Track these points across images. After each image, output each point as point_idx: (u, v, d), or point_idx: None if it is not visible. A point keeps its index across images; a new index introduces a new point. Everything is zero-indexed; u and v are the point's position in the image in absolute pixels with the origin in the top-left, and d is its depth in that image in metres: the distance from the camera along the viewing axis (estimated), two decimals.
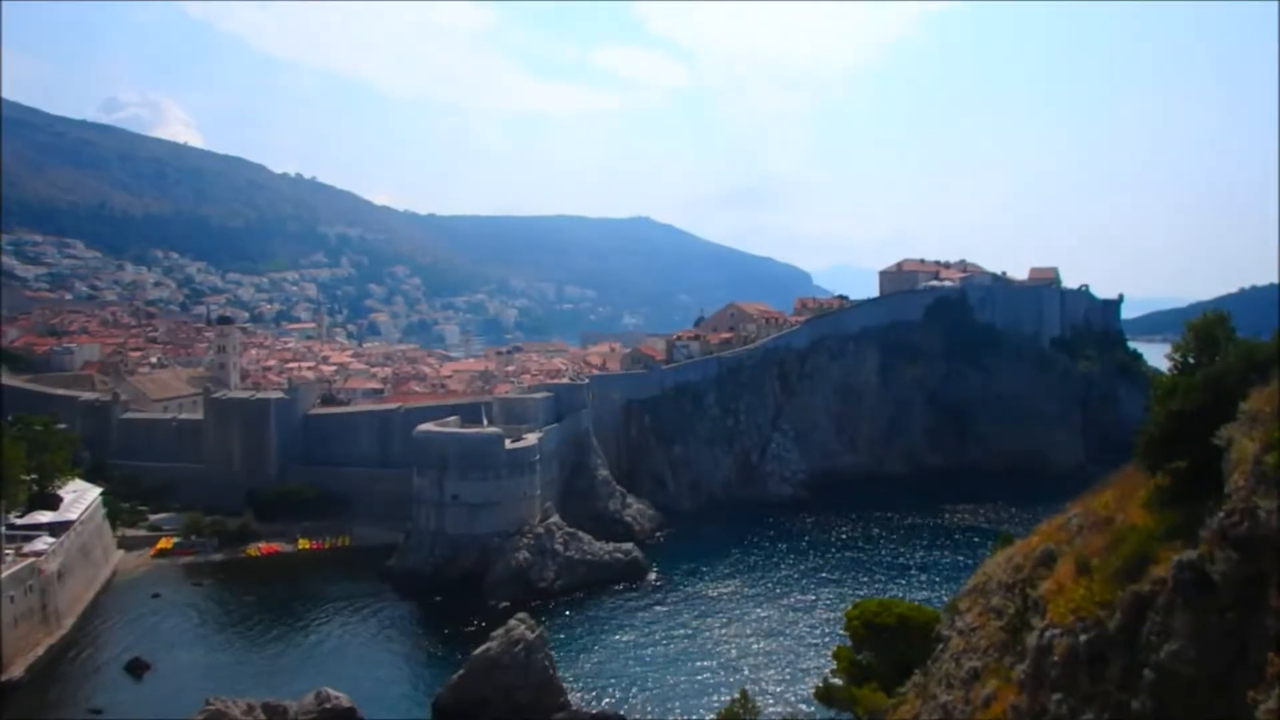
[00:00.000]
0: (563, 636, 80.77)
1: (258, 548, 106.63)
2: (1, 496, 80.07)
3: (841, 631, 46.70)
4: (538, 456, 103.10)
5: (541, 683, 65.75)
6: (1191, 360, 23.26)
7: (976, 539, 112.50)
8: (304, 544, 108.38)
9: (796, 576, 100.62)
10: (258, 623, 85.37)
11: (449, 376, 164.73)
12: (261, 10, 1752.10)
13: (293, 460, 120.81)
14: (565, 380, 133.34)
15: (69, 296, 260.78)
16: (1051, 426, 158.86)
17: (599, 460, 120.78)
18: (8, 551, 76.72)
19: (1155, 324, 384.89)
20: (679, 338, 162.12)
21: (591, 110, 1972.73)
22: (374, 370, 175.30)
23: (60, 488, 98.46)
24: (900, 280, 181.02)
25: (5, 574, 71.57)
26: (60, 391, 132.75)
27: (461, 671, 66.36)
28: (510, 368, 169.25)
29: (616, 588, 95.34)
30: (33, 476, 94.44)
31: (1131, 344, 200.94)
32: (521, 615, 69.82)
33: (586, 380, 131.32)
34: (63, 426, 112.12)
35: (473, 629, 79.98)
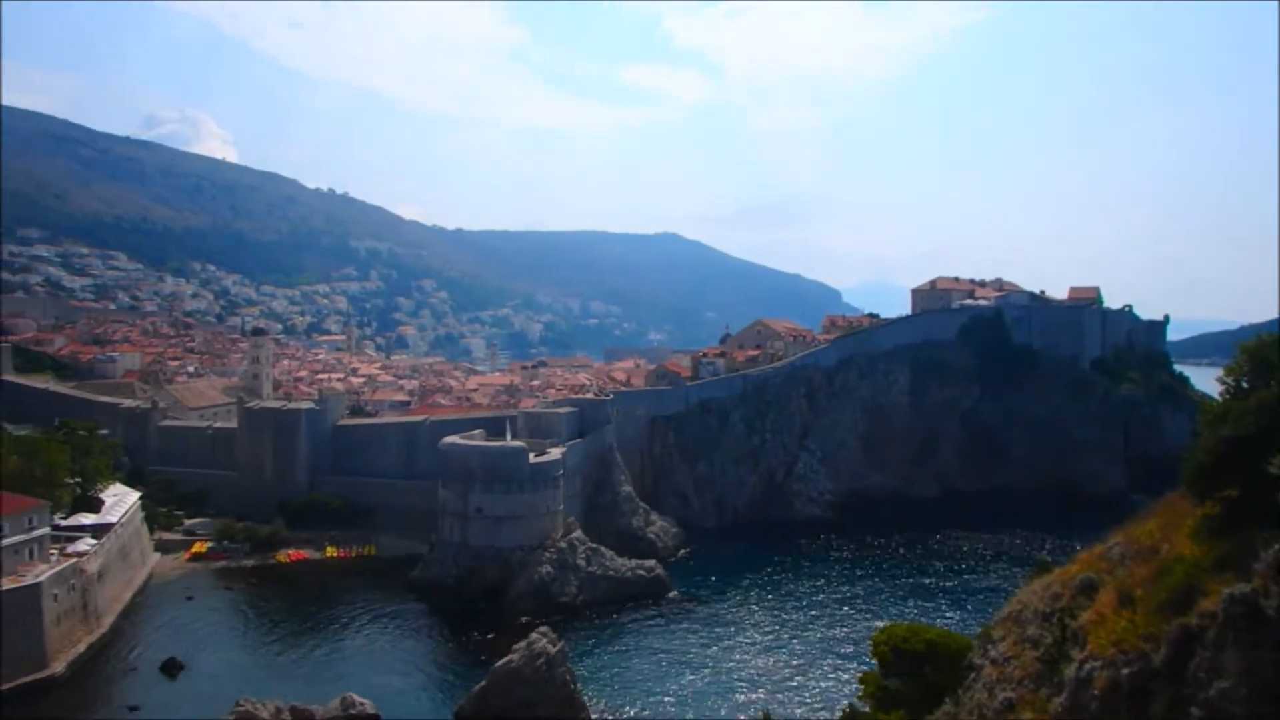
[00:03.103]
0: (584, 652, 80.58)
1: (287, 554, 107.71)
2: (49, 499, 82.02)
3: (868, 656, 46.19)
4: (561, 471, 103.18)
5: (562, 697, 65.64)
6: (1244, 384, 22.73)
7: (1009, 565, 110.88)
8: (331, 552, 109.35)
9: (822, 598, 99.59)
10: (286, 627, 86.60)
11: (474, 390, 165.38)
12: (293, 29, 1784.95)
13: (322, 469, 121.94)
14: (590, 395, 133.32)
15: (112, 306, 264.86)
16: (1090, 451, 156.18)
17: (623, 476, 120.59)
18: (52, 551, 78.30)
19: (1202, 346, 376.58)
20: (705, 354, 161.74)
21: (618, 125, 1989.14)
22: (401, 382, 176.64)
23: (101, 491, 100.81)
24: (933, 298, 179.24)
25: (49, 573, 73.36)
26: (103, 399, 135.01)
27: (483, 683, 66.52)
28: (535, 382, 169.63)
29: (638, 605, 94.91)
30: (76, 480, 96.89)
31: (1177, 367, 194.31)
32: (543, 629, 69.84)
33: (611, 396, 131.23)
34: (105, 432, 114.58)
35: (494, 641, 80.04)
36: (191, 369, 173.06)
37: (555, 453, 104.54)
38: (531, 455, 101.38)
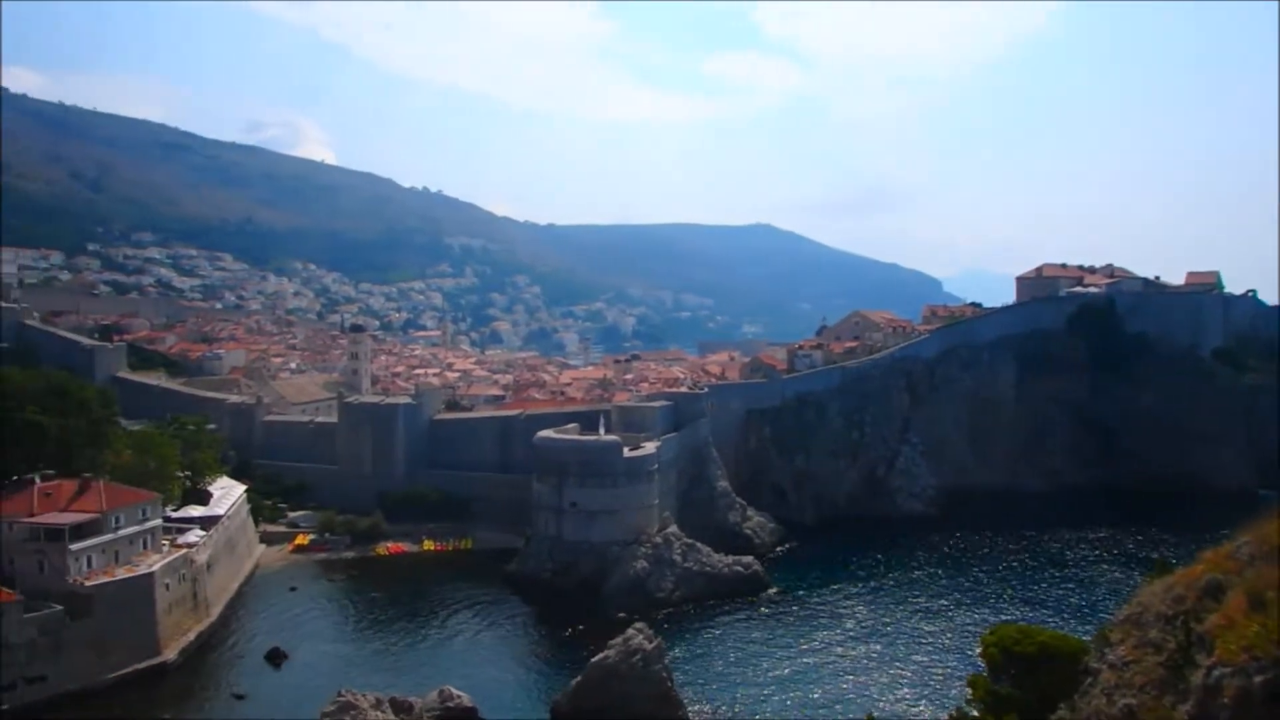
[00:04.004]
0: (680, 649, 79.41)
1: (385, 547, 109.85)
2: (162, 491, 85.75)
3: (976, 658, 43.90)
4: (655, 465, 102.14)
5: (659, 694, 64.81)
6: None
7: (1125, 565, 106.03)
8: (429, 545, 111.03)
9: (926, 597, 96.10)
10: (385, 619, 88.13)
11: (568, 384, 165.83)
12: (387, 32, 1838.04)
13: (419, 463, 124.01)
14: (683, 389, 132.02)
15: (219, 306, 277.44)
16: (1211, 445, 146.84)
17: (718, 471, 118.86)
18: (163, 542, 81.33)
19: None
20: (801, 347, 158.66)
21: (708, 117, 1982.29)
22: (496, 377, 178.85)
23: (210, 484, 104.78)
24: (1039, 287, 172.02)
25: (161, 564, 76.19)
26: (210, 395, 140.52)
27: (579, 678, 66.20)
28: (628, 376, 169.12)
29: (735, 602, 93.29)
30: (186, 473, 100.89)
31: None
32: (639, 625, 69.03)
33: (705, 389, 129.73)
34: (212, 427, 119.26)
35: (590, 636, 79.48)
36: (294, 365, 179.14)
37: (649, 447, 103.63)
38: (626, 449, 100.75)
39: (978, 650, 50.12)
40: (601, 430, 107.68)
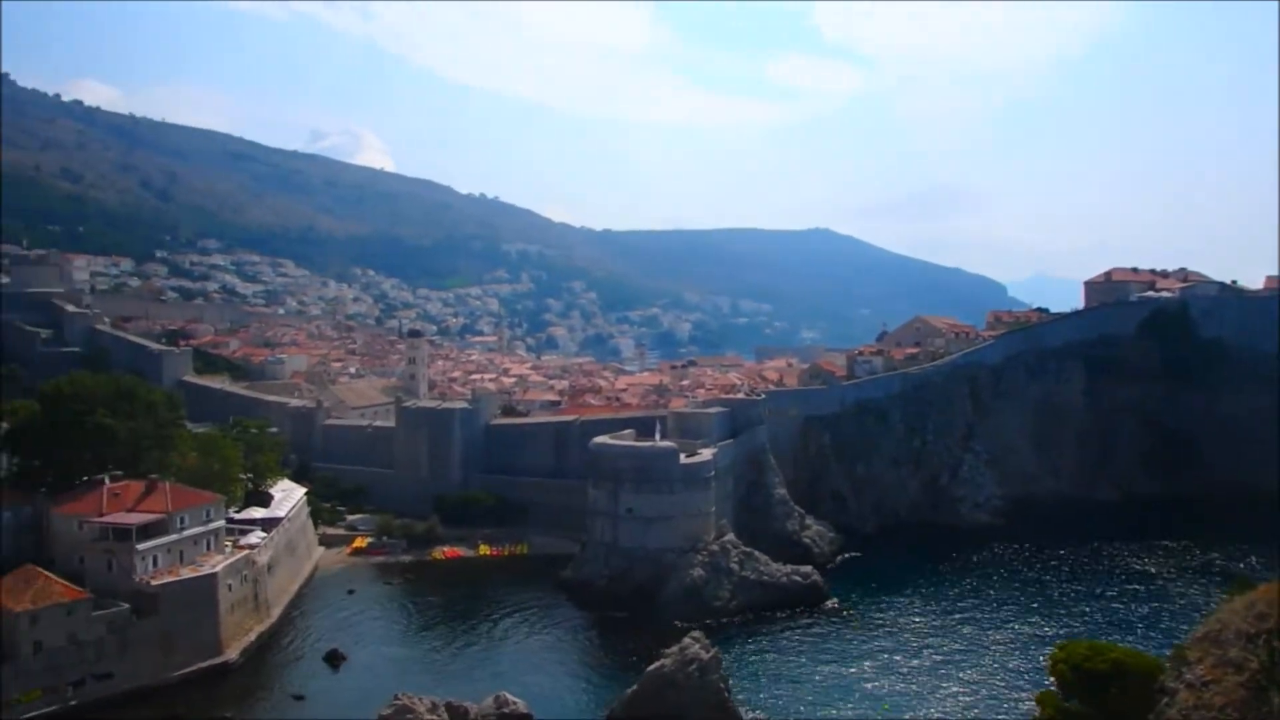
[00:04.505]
0: (737, 659, 78.09)
1: (442, 551, 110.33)
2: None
3: (1044, 674, 42.35)
4: (712, 472, 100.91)
5: (715, 705, 63.64)
6: None
7: (1201, 580, 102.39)
8: (484, 550, 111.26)
9: (991, 610, 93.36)
10: (441, 623, 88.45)
11: (624, 390, 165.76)
12: (447, 41, 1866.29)
13: (474, 468, 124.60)
14: (740, 395, 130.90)
15: (281, 311, 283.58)
16: None
17: (776, 478, 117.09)
18: (226, 543, 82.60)
19: None
20: (860, 353, 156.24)
21: (765, 121, 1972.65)
22: (551, 382, 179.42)
23: (271, 487, 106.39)
24: (1109, 291, 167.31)
25: (224, 564, 77.36)
26: (272, 398, 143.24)
27: (634, 687, 65.29)
28: (684, 382, 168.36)
29: (794, 612, 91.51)
30: (248, 475, 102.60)
31: None
32: (696, 634, 67.84)
33: (762, 395, 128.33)
34: (273, 430, 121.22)
35: (645, 644, 78.40)
36: (353, 370, 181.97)
37: (706, 454, 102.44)
38: (682, 456, 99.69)
39: (1046, 666, 48.33)
40: (657, 436, 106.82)
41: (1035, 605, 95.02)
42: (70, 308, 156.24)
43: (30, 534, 78.65)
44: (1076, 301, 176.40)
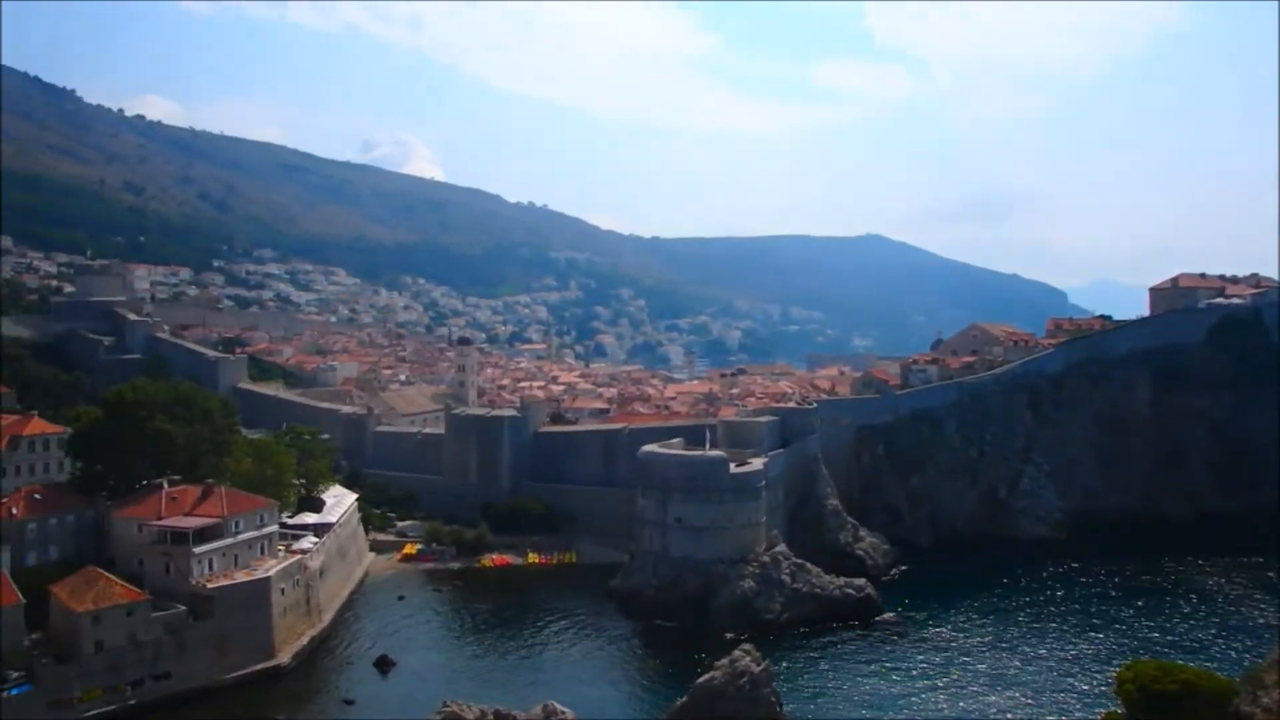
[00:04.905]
0: (789, 673, 76.49)
1: (490, 559, 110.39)
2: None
3: (1110, 695, 40.48)
4: (763, 482, 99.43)
5: (767, 719, 61.95)
6: None
7: (1277, 600, 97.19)
8: (533, 558, 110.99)
9: (1051, 627, 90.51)
10: (490, 631, 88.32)
11: (673, 398, 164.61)
12: (496, 52, 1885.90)
13: (523, 475, 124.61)
14: (792, 404, 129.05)
15: (333, 319, 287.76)
16: None
17: (828, 489, 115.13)
18: (279, 548, 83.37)
19: None
20: (915, 361, 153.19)
21: (815, 126, 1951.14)
22: (600, 390, 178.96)
23: (323, 492, 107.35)
24: (1175, 298, 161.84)
25: (277, 568, 77.98)
26: (325, 405, 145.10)
27: (683, 699, 64.30)
28: (734, 390, 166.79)
29: (847, 626, 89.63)
30: (301, 481, 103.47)
31: None
32: (746, 646, 66.69)
33: (814, 404, 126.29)
34: (325, 437, 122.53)
35: (695, 656, 77.23)
36: (403, 377, 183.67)
37: (757, 463, 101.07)
38: (732, 465, 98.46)
39: (1111, 686, 46.44)
40: (707, 445, 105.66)
41: (1098, 623, 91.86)
42: (131, 316, 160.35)
43: (92, 537, 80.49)
44: (1141, 309, 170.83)
